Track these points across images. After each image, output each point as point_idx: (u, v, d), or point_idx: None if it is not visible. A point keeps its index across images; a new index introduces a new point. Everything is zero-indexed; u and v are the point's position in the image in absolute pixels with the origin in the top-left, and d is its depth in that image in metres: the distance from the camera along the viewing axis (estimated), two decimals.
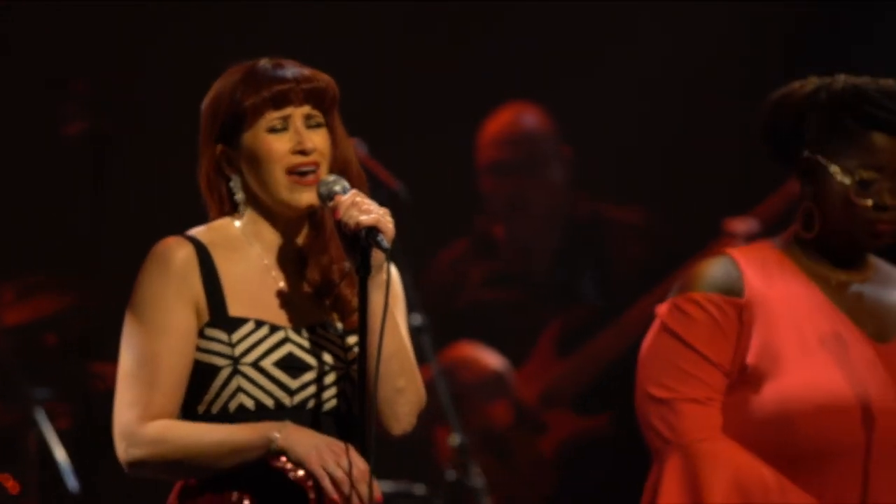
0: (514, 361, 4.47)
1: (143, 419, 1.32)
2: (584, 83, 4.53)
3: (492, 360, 4.38)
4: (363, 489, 1.30)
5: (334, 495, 1.29)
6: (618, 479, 3.88)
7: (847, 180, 1.40)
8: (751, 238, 4.11)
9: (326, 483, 1.28)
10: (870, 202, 1.41)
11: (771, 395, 1.39)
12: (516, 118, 5.25)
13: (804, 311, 1.43)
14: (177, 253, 1.37)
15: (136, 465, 1.34)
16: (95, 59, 3.68)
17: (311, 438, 1.33)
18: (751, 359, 1.41)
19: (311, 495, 1.32)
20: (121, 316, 1.39)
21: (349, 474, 1.29)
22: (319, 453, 1.29)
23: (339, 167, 1.43)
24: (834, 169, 1.42)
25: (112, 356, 1.41)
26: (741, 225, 4.21)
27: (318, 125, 1.42)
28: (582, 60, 4.55)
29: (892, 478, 1.37)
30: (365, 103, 3.98)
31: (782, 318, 1.41)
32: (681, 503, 1.38)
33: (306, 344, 1.39)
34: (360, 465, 1.30)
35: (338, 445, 1.32)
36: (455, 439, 3.16)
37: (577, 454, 4.52)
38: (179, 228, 1.44)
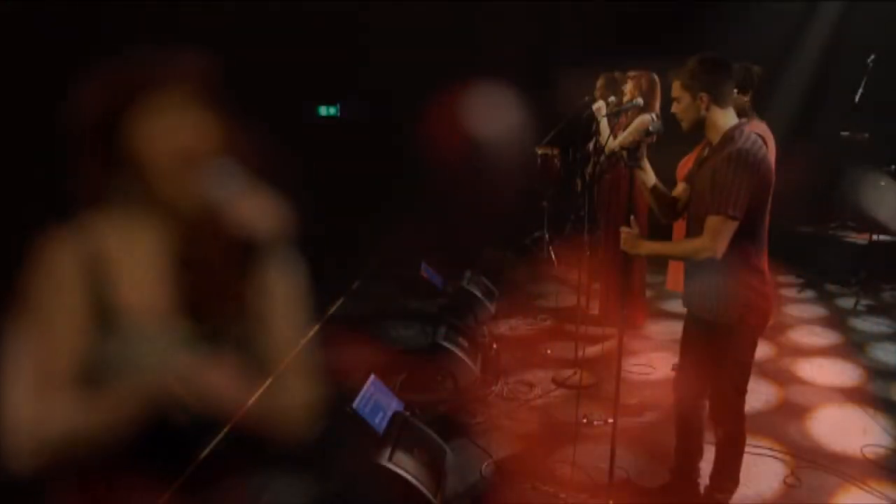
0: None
1: (36, 418, 1.27)
2: None
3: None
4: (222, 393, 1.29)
5: (199, 404, 1.28)
6: None
7: None
8: None
9: (185, 394, 1.27)
10: None
11: None
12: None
13: None
14: (64, 246, 1.33)
15: (34, 461, 1.27)
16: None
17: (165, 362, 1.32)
18: None
19: None
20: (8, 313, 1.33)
21: (208, 383, 1.28)
22: (173, 369, 1.29)
23: (222, 151, 1.38)
24: None
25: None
26: None
27: (195, 110, 1.37)
28: None
29: None
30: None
31: None
32: None
33: (196, 339, 1.36)
34: (217, 370, 1.30)
35: (193, 360, 1.31)
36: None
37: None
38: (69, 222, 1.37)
